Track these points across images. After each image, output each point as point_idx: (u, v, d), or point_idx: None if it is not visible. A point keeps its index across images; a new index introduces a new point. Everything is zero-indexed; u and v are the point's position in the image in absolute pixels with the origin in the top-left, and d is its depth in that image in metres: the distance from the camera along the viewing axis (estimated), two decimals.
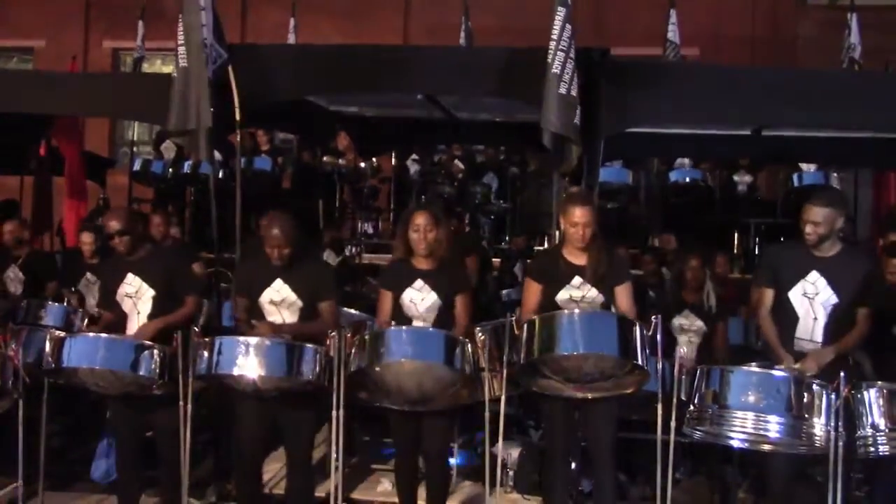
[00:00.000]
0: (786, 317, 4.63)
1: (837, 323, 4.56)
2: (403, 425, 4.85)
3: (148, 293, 4.97)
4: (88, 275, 6.90)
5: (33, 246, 7.82)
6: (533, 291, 4.68)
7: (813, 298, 4.58)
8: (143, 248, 5.06)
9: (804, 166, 10.04)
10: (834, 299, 4.56)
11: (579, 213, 4.53)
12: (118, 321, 5.02)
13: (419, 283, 4.78)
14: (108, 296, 5.12)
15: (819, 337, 4.56)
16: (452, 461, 5.77)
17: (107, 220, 5.06)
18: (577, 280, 4.58)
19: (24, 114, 7.20)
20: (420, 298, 4.78)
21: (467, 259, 6.67)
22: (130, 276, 4.99)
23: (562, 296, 4.58)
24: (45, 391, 5.13)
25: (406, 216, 4.91)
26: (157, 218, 7.75)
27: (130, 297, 5.00)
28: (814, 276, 4.57)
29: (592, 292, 4.58)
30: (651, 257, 7.87)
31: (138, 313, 4.98)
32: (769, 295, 4.71)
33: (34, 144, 9.36)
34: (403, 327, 4.64)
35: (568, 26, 5.10)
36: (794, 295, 4.61)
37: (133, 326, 4.96)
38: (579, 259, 4.61)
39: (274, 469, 6.01)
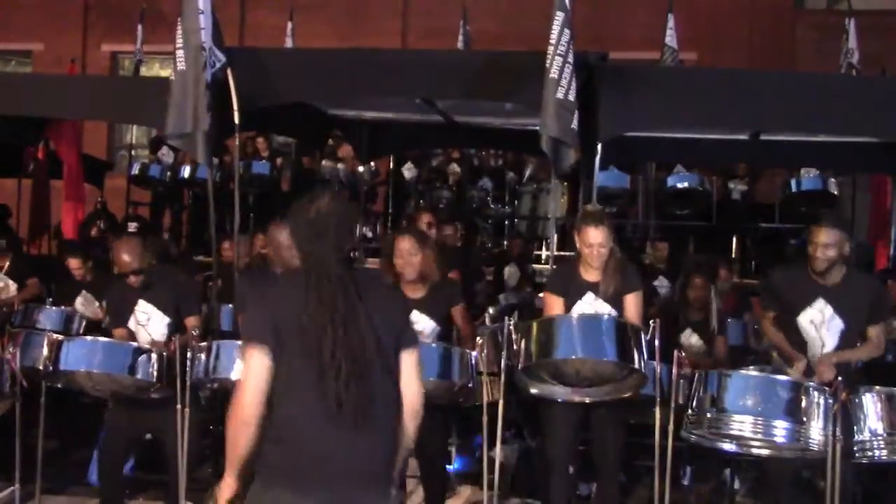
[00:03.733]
0: (795, 341, 4.58)
1: (847, 347, 4.54)
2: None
3: (163, 321, 4.95)
4: (84, 293, 6.88)
5: (18, 253, 7.84)
6: (556, 306, 4.64)
7: (820, 326, 4.52)
8: (153, 274, 4.98)
9: (802, 171, 10.06)
10: (841, 326, 4.51)
11: (593, 235, 4.51)
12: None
13: (415, 314, 4.74)
14: (119, 318, 5.06)
15: None
16: (449, 466, 5.75)
17: (120, 252, 4.87)
18: (589, 296, 4.59)
19: (22, 117, 7.21)
20: (420, 329, 4.77)
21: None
22: (143, 304, 4.95)
23: (575, 311, 4.59)
24: (43, 394, 5.12)
25: (389, 242, 4.89)
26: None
27: (142, 324, 4.97)
28: (820, 303, 4.51)
29: (605, 308, 4.58)
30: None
31: (151, 338, 4.94)
32: (772, 318, 4.71)
33: (32, 147, 9.37)
34: None
35: (566, 31, 5.11)
36: (803, 322, 4.56)
37: None
38: (593, 276, 4.60)
39: None
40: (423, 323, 4.77)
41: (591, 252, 4.52)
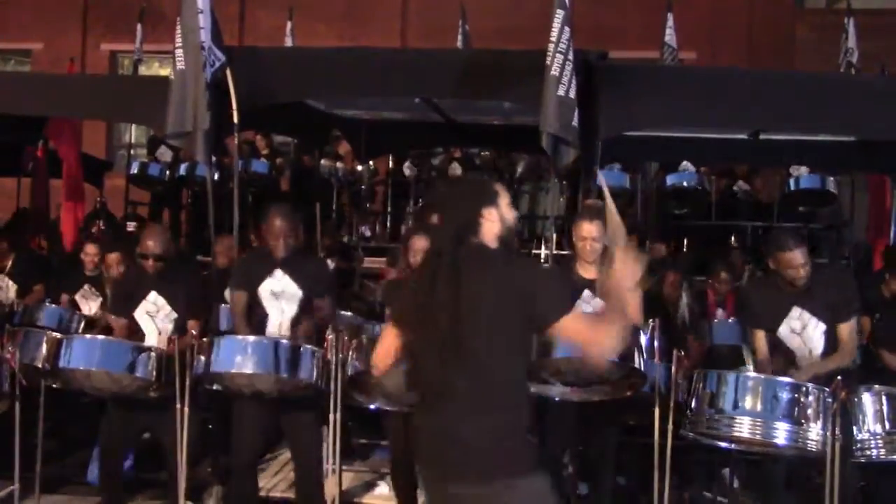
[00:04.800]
0: (782, 354, 4.58)
1: (834, 346, 4.55)
2: (401, 427, 4.85)
3: (170, 315, 4.97)
4: (87, 286, 6.90)
5: (21, 250, 7.84)
6: None
7: (802, 333, 4.55)
8: (169, 268, 5.01)
9: (801, 169, 10.06)
10: (822, 326, 4.53)
11: (587, 229, 4.53)
12: (134, 331, 5.01)
13: None
14: (124, 306, 5.07)
15: None
16: None
17: (146, 238, 4.94)
18: (587, 294, 4.60)
19: (21, 116, 7.21)
20: None
21: None
22: (154, 295, 4.96)
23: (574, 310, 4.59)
24: (42, 393, 5.12)
25: (405, 240, 4.92)
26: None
27: (151, 314, 4.98)
28: (796, 311, 4.55)
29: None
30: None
31: (159, 333, 4.95)
32: (762, 337, 4.65)
33: (32, 146, 9.36)
34: None
35: (567, 28, 5.10)
36: (784, 333, 4.58)
37: (150, 343, 4.94)
38: (589, 272, 4.62)
39: (271, 472, 6.01)
40: None
41: (584, 245, 4.54)
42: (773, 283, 4.63)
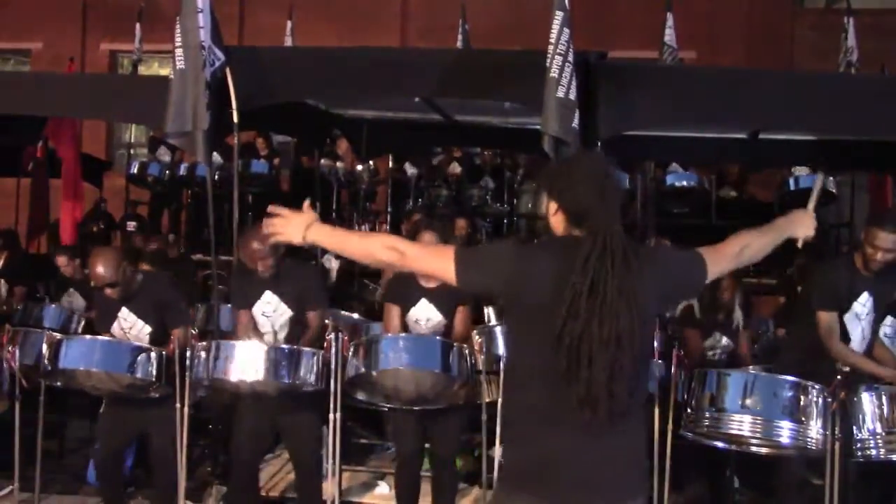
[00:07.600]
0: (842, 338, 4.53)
1: (875, 338, 4.59)
2: (407, 427, 4.84)
3: (144, 329, 4.93)
4: (71, 290, 6.92)
5: (15, 250, 7.86)
6: None
7: (863, 319, 4.54)
8: (136, 282, 4.93)
9: (800, 169, 10.07)
10: (874, 315, 4.55)
11: None
12: None
13: (423, 302, 4.81)
14: (104, 323, 5.05)
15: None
16: None
17: (93, 264, 4.80)
18: None
19: (21, 116, 7.21)
20: (425, 318, 4.82)
21: None
22: (125, 311, 4.93)
23: None
24: (42, 393, 5.12)
25: (412, 233, 4.92)
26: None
27: (125, 331, 4.94)
28: (864, 297, 4.52)
29: None
30: None
31: None
32: (835, 319, 4.51)
33: (31, 146, 9.37)
34: (401, 335, 4.65)
35: (566, 30, 5.10)
36: (849, 318, 4.54)
37: None
38: None
39: (271, 472, 6.01)
40: (430, 314, 4.81)
41: None
42: (851, 265, 4.57)
